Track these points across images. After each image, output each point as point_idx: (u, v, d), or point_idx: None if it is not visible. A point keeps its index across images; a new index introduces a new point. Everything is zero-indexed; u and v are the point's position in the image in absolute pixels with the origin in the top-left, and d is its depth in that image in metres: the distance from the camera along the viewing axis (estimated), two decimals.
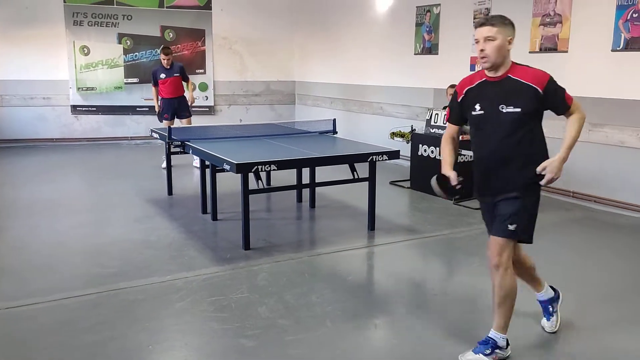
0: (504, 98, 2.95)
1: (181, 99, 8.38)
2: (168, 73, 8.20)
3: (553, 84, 2.95)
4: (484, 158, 3.12)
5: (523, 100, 2.91)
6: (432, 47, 8.30)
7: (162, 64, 8.23)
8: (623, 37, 5.85)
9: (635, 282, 4.24)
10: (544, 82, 2.92)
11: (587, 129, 6.28)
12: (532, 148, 3.00)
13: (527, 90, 2.90)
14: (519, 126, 2.95)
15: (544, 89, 2.91)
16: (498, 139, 2.99)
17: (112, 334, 3.32)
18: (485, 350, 3.03)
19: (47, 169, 8.40)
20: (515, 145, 2.97)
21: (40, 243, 5.03)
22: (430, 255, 4.93)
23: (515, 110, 2.92)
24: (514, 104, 2.92)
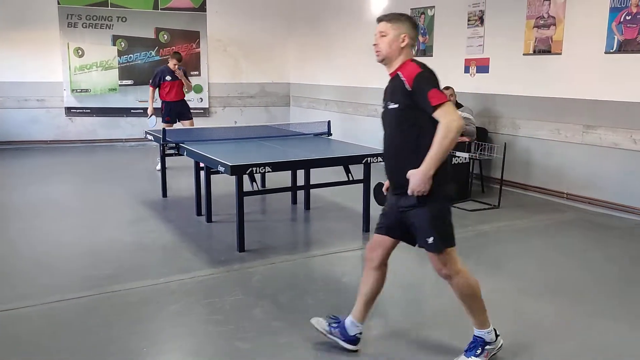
0: (390, 94, 2.95)
1: (183, 102, 8.44)
2: (174, 76, 8.24)
3: (419, 81, 2.77)
4: (383, 155, 3.13)
5: (398, 97, 2.87)
6: (426, 49, 8.32)
7: (169, 66, 8.24)
8: (616, 39, 5.88)
9: (628, 284, 4.25)
10: (411, 79, 2.79)
11: (581, 130, 6.32)
12: (419, 147, 2.81)
13: (402, 86, 2.84)
14: (400, 122, 2.91)
15: (411, 85, 2.78)
16: (388, 136, 3.02)
17: (107, 337, 3.30)
18: (476, 352, 3.03)
19: (40, 172, 8.37)
20: (400, 142, 2.94)
21: (34, 245, 5.01)
22: (424, 257, 4.91)
23: (394, 107, 2.89)
24: (394, 100, 2.90)
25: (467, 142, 6.56)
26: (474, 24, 7.48)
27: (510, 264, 4.66)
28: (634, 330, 3.47)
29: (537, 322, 3.56)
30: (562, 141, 6.53)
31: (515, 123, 7.06)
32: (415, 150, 2.82)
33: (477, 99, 7.43)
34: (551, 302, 3.87)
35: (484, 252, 4.99)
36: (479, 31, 7.43)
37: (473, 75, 7.56)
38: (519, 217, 6.00)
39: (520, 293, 4.02)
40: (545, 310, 3.74)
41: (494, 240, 5.36)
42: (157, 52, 10.91)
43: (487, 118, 7.38)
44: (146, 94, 10.81)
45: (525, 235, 5.43)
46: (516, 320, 3.60)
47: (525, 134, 6.94)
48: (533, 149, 6.88)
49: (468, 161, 6.67)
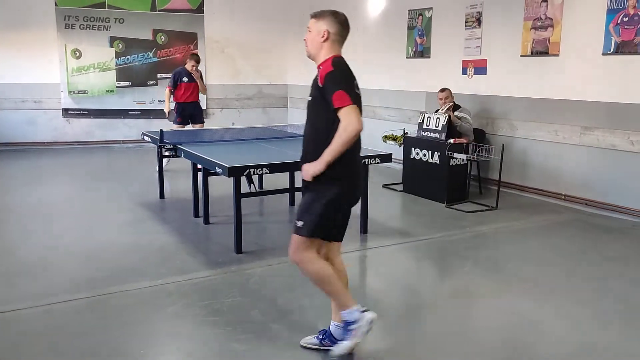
0: (311, 88, 3.03)
1: (197, 104, 8.40)
2: (191, 78, 8.21)
3: (328, 80, 2.85)
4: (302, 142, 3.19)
5: (314, 90, 2.98)
6: (424, 51, 8.33)
7: (187, 68, 8.21)
8: (614, 40, 5.89)
9: (626, 285, 4.26)
10: (322, 76, 2.88)
11: (578, 132, 6.32)
12: (327, 138, 2.86)
13: (316, 81, 2.94)
14: (314, 114, 3.02)
15: (322, 83, 2.87)
16: (305, 124, 3.12)
17: (104, 339, 3.29)
18: (344, 336, 3.04)
19: (37, 173, 8.35)
20: (310, 133, 3.06)
21: (30, 247, 5.00)
22: (422, 259, 4.94)
23: (310, 99, 3.01)
24: (312, 93, 3.00)
25: (464, 143, 6.56)
26: (472, 25, 7.49)
27: (508, 265, 4.66)
28: (633, 330, 3.47)
29: (535, 323, 3.55)
30: (559, 142, 6.54)
31: (512, 124, 7.07)
32: (324, 141, 2.89)
33: (474, 100, 7.44)
34: (549, 302, 3.87)
35: (481, 253, 4.99)
36: (476, 32, 7.44)
37: (471, 76, 7.57)
38: (517, 219, 6.00)
39: (518, 293, 4.02)
40: (543, 311, 3.74)
41: (491, 241, 5.36)
42: (155, 54, 10.90)
43: (485, 119, 7.38)
44: (143, 95, 10.91)
45: (522, 237, 5.43)
46: (513, 320, 3.60)
47: (523, 136, 6.95)
48: (531, 150, 6.89)
49: (466, 162, 6.67)
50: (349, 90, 2.87)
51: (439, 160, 6.62)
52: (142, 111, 10.98)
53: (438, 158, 6.63)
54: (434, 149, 6.69)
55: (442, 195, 6.56)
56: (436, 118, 6.78)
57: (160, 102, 10.99)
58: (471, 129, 6.78)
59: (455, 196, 6.59)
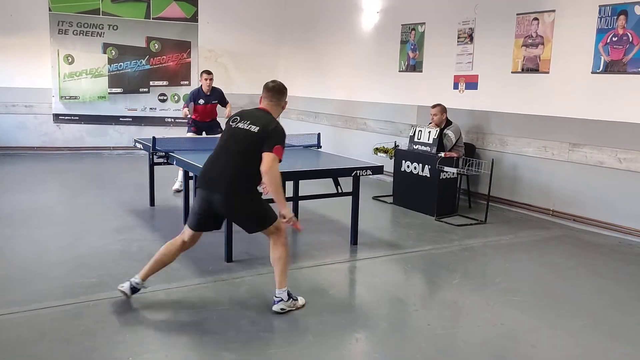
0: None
1: (212, 122, 7.96)
2: (207, 100, 7.81)
3: None
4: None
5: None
6: (416, 65, 8.41)
7: (203, 89, 7.81)
8: (603, 59, 5.99)
9: (613, 301, 4.30)
10: None
11: (567, 149, 6.40)
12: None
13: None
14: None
15: None
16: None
17: (92, 345, 3.28)
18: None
19: (27, 178, 8.30)
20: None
21: (18, 253, 4.96)
22: (411, 271, 4.96)
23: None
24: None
25: (455, 157, 6.62)
26: (464, 41, 7.58)
27: (496, 279, 4.70)
28: (618, 345, 3.50)
29: (522, 336, 3.58)
30: (548, 159, 6.61)
31: (503, 140, 7.14)
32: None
33: (465, 115, 7.51)
34: (536, 317, 3.90)
35: (470, 266, 5.02)
36: (468, 48, 7.53)
37: (462, 91, 7.64)
38: (505, 233, 6.04)
39: (506, 307, 4.05)
40: (530, 324, 3.77)
41: (480, 255, 5.39)
42: (148, 61, 10.91)
43: (475, 134, 7.45)
44: (135, 102, 10.91)
45: (511, 251, 5.47)
46: (500, 333, 3.62)
47: (513, 151, 7.02)
48: (520, 165, 6.96)
49: (456, 176, 6.72)
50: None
51: (429, 174, 6.66)
52: (134, 118, 10.96)
53: (428, 171, 6.67)
54: (424, 162, 6.74)
55: (432, 208, 6.60)
56: (427, 132, 6.83)
57: (152, 109, 11.01)
58: (450, 147, 6.79)
59: (445, 209, 6.63)
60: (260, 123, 3.79)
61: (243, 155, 3.74)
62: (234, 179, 3.72)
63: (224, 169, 3.77)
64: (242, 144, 3.76)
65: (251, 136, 3.73)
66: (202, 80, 7.90)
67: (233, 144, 3.80)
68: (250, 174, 3.74)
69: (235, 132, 3.82)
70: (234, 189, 3.73)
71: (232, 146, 3.80)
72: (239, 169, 3.73)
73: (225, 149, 3.84)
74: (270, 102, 4.07)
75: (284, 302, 3.78)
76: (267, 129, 3.75)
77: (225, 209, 3.81)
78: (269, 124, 3.81)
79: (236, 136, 3.80)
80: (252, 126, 3.77)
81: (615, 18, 5.84)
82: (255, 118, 3.86)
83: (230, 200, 3.74)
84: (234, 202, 3.76)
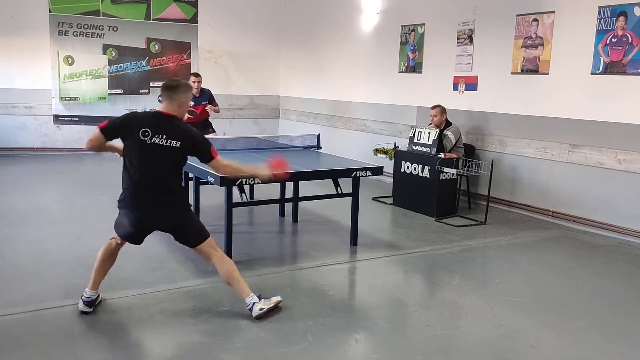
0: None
1: (204, 123, 8.02)
2: (197, 101, 7.86)
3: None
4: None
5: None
6: (416, 66, 8.41)
7: (192, 90, 7.92)
8: (602, 60, 5.99)
9: (611, 301, 4.31)
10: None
11: (566, 149, 6.41)
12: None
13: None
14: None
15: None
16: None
17: (92, 346, 3.29)
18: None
19: (27, 179, 8.30)
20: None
21: (18, 253, 4.97)
22: (411, 272, 4.96)
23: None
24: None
25: (455, 158, 6.62)
26: (463, 42, 7.59)
27: (496, 280, 4.70)
28: (617, 345, 3.51)
29: (521, 337, 3.59)
30: (548, 159, 6.62)
31: (502, 141, 7.14)
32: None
33: (465, 116, 7.51)
34: (536, 317, 3.90)
35: (470, 267, 5.02)
36: (468, 49, 7.54)
37: (462, 92, 7.65)
38: (505, 234, 6.05)
39: (505, 308, 4.05)
40: (530, 325, 3.77)
41: (480, 255, 5.40)
42: (148, 62, 10.92)
43: (475, 135, 7.46)
44: (135, 103, 10.91)
45: (511, 252, 5.48)
46: (500, 334, 3.63)
47: (512, 152, 7.02)
48: (520, 166, 6.96)
49: (456, 177, 6.73)
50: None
51: (429, 175, 6.67)
52: None
53: (428, 172, 6.68)
54: (424, 163, 6.74)
55: (432, 209, 6.60)
56: (427, 132, 6.84)
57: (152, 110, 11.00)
58: (449, 148, 6.81)
59: (444, 210, 6.63)
60: (178, 136, 3.60)
61: (167, 172, 3.65)
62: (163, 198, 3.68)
63: (151, 189, 3.65)
64: (165, 160, 3.61)
65: (175, 152, 3.60)
66: (190, 84, 7.87)
67: (155, 162, 3.61)
68: (177, 187, 3.77)
69: (153, 149, 3.56)
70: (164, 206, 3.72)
71: (154, 164, 3.62)
72: (166, 187, 3.67)
73: (144, 167, 3.62)
74: (167, 102, 3.72)
75: (259, 303, 3.69)
76: (189, 141, 3.64)
77: (164, 224, 3.82)
78: (186, 134, 3.66)
79: (156, 154, 3.58)
80: (171, 141, 3.58)
81: (615, 19, 5.85)
82: (169, 130, 3.60)
83: (164, 215, 3.73)
84: (168, 216, 3.74)
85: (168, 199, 3.69)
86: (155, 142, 3.56)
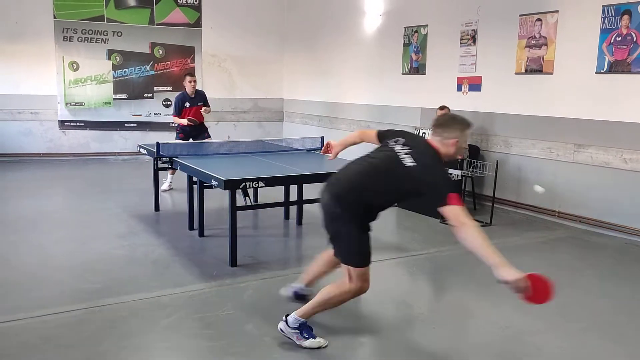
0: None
1: (200, 127, 7.99)
2: (192, 102, 7.87)
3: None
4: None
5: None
6: (419, 67, 8.40)
7: (187, 92, 7.87)
8: (607, 60, 5.97)
9: (618, 302, 4.27)
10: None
11: (572, 149, 6.38)
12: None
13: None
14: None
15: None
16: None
17: (97, 351, 3.28)
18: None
19: (32, 184, 8.33)
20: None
21: (24, 258, 4.98)
22: (416, 274, 4.95)
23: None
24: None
25: (459, 159, 6.60)
26: (467, 42, 7.57)
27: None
28: (624, 347, 3.48)
29: (528, 339, 3.57)
30: (553, 160, 6.59)
31: (507, 141, 7.12)
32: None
33: (469, 117, 7.41)
34: (542, 318, 3.88)
35: (475, 268, 4.99)
36: (471, 50, 7.52)
37: (465, 93, 7.63)
38: (511, 235, 6.02)
39: (511, 310, 4.03)
40: (536, 327, 3.75)
41: None
42: (152, 67, 10.95)
43: (479, 136, 7.44)
44: (140, 108, 10.96)
45: (517, 253, 5.44)
46: (506, 336, 3.61)
47: (517, 152, 7.00)
48: (525, 167, 6.93)
49: (460, 178, 6.70)
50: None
51: None
52: (139, 124, 11.01)
53: None
54: None
55: (437, 211, 6.56)
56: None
57: (157, 114, 11.05)
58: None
59: None
60: (420, 159, 3.08)
61: (376, 177, 3.18)
62: (350, 189, 3.23)
63: (349, 174, 3.31)
64: (384, 162, 3.18)
65: (399, 167, 3.09)
66: (186, 83, 7.95)
67: (374, 160, 3.27)
68: (368, 202, 3.28)
69: (385, 151, 3.26)
70: (344, 199, 3.23)
71: (372, 160, 3.28)
72: (362, 186, 3.21)
73: (363, 159, 3.36)
74: (434, 137, 3.24)
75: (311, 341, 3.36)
76: (425, 168, 3.07)
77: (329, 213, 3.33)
78: (429, 162, 3.10)
79: (381, 154, 3.27)
80: (408, 157, 3.08)
81: (619, 18, 5.82)
82: (416, 150, 3.13)
83: (335, 207, 3.26)
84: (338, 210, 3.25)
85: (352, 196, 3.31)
86: (395, 148, 3.24)
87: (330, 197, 3.27)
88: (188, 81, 7.91)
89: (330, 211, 3.29)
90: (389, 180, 3.14)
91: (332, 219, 3.32)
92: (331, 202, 3.26)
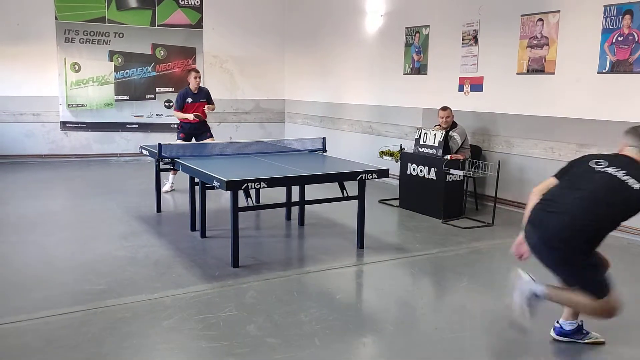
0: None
1: (201, 126, 7.95)
2: (195, 98, 7.84)
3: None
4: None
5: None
6: (421, 68, 8.39)
7: (191, 88, 7.85)
8: (609, 60, 5.96)
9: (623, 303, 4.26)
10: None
11: (574, 149, 6.37)
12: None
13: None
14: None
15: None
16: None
17: (99, 352, 3.28)
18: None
19: (35, 186, 8.34)
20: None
21: (26, 259, 4.98)
22: (419, 274, 4.94)
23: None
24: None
25: (461, 159, 6.60)
26: (468, 43, 7.56)
27: (504, 282, 4.66)
28: (626, 348, 3.47)
29: (530, 339, 3.56)
30: (555, 160, 6.57)
31: (509, 141, 7.11)
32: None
33: (471, 117, 7.49)
34: (544, 319, 3.86)
35: (478, 269, 4.99)
36: (473, 50, 7.51)
37: (467, 93, 7.62)
38: (513, 235, 5.95)
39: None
40: (539, 326, 3.73)
41: (487, 257, 5.36)
42: (154, 68, 10.96)
43: (481, 136, 7.43)
44: (142, 109, 10.97)
45: None
46: (509, 336, 3.60)
47: (519, 153, 6.99)
48: (527, 167, 6.92)
49: (462, 179, 6.70)
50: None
51: (435, 176, 6.64)
52: (140, 125, 11.01)
53: (434, 174, 6.65)
54: (430, 164, 6.72)
55: (439, 211, 6.57)
56: (433, 134, 6.82)
57: (158, 116, 11.06)
58: (455, 149, 6.80)
59: (451, 212, 6.60)
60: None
61: (597, 206, 3.06)
62: (571, 231, 3.09)
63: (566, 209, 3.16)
64: (604, 191, 3.07)
65: (626, 190, 3.01)
66: (191, 79, 7.93)
67: (587, 185, 3.16)
68: (594, 235, 3.13)
69: (598, 175, 3.14)
70: (567, 244, 3.12)
71: (586, 187, 3.15)
72: (584, 221, 3.08)
73: (575, 188, 3.21)
74: (631, 149, 3.24)
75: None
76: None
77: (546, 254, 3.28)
78: None
79: (597, 179, 3.13)
80: (629, 178, 3.01)
81: (621, 18, 5.81)
82: (628, 170, 3.08)
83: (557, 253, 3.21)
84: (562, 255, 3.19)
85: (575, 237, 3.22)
86: (607, 170, 3.21)
87: (546, 243, 3.26)
88: (193, 77, 7.89)
89: (552, 257, 3.28)
90: (615, 209, 3.09)
91: (555, 264, 3.30)
92: (548, 248, 3.25)
